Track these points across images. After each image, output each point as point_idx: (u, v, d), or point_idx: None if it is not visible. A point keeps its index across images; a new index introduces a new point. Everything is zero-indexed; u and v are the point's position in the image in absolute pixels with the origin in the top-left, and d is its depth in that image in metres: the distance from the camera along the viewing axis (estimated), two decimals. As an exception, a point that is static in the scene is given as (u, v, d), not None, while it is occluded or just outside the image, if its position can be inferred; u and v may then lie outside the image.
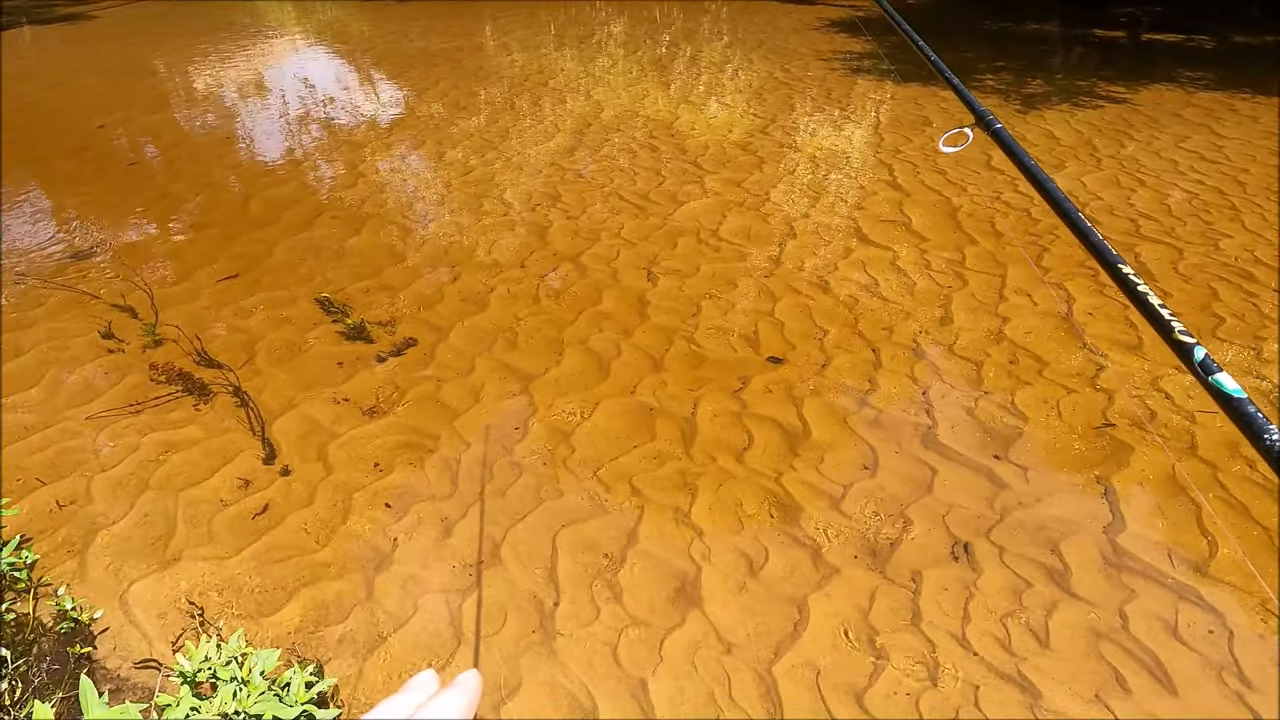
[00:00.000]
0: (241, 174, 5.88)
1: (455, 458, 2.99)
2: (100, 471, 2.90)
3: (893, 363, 3.50)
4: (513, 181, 5.54)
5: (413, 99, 7.73)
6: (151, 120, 7.17)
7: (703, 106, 7.36)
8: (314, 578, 2.48)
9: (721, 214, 4.96)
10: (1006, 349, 3.57)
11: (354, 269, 4.36)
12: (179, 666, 1.48)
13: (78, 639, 2.15)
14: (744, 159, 5.90)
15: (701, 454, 2.98)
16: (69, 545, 2.58)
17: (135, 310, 3.94)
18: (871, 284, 4.13)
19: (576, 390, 3.35)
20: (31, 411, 3.23)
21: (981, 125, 1.21)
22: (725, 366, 3.49)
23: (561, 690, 2.13)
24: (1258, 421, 0.48)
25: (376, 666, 2.20)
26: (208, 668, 1.72)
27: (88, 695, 1.45)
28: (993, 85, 7.89)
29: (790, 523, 2.67)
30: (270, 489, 2.84)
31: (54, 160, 6.11)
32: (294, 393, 3.33)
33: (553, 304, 4.00)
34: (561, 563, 2.53)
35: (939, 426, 3.10)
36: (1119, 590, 2.39)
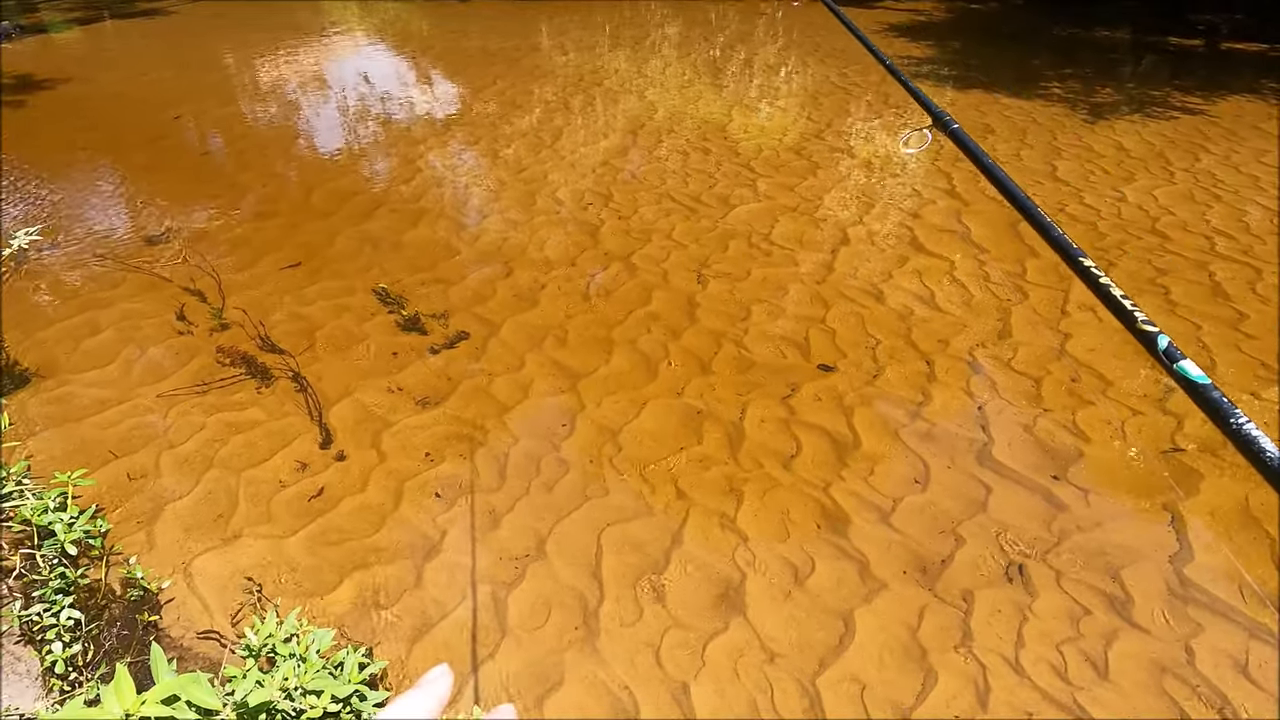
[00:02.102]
0: (305, 166, 6.07)
1: (504, 451, 3.03)
2: (169, 448, 3.03)
3: (947, 375, 3.42)
4: (565, 180, 5.59)
5: (469, 97, 7.87)
6: (223, 112, 7.45)
7: (756, 109, 7.31)
8: (366, 562, 2.54)
9: (774, 218, 4.92)
10: (1068, 366, 3.46)
11: (410, 261, 4.46)
12: (246, 641, 1.54)
13: (146, 607, 2.25)
14: (797, 163, 5.84)
15: (748, 459, 2.96)
16: (138, 517, 2.70)
17: (204, 294, 4.11)
18: (927, 294, 4.05)
19: (624, 390, 3.36)
20: (107, 387, 3.39)
21: (939, 126, 1.19)
22: (774, 372, 3.46)
23: (603, 689, 2.14)
24: (1223, 406, 0.47)
25: (422, 653, 2.24)
26: (270, 643, 1.78)
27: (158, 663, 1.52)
28: (1059, 94, 7.64)
29: (838, 534, 2.63)
30: (326, 473, 2.93)
31: (133, 148, 6.41)
32: (350, 380, 3.42)
33: (602, 303, 4.02)
34: (606, 561, 2.55)
35: (995, 443, 3.02)
36: (1184, 623, 2.29)
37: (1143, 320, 0.60)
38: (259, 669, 1.64)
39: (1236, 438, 0.47)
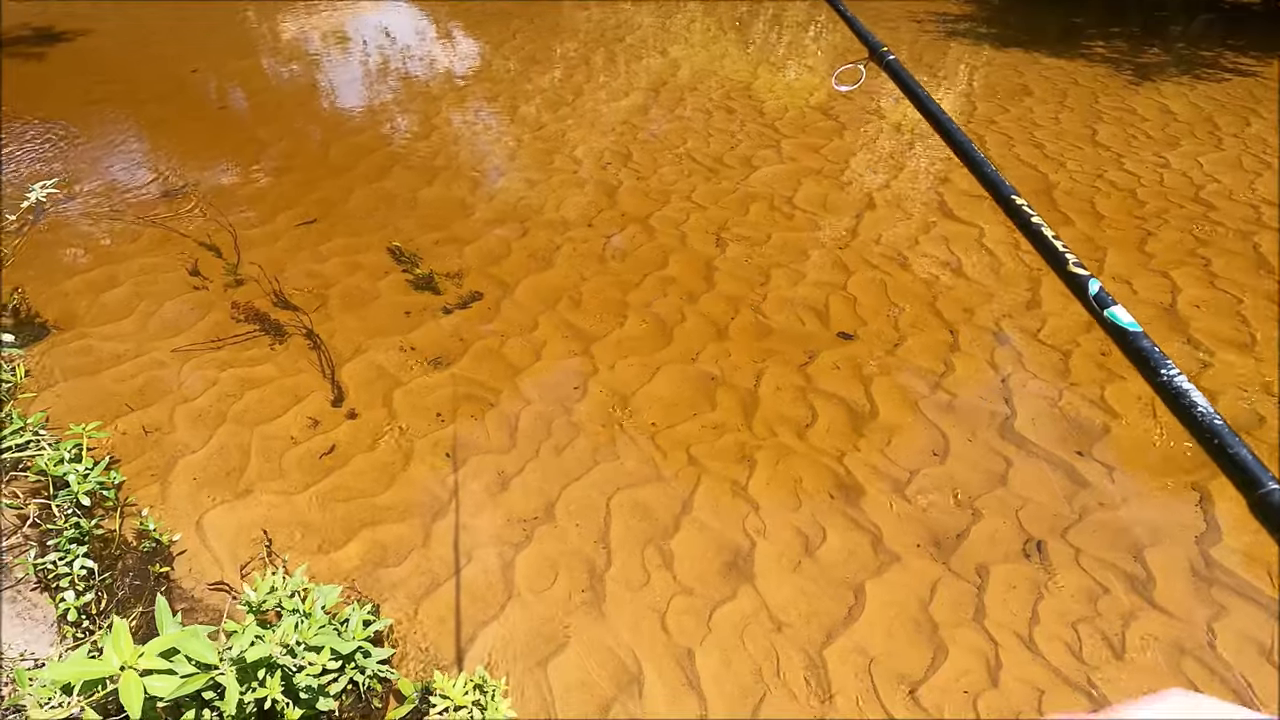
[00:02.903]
0: (323, 121, 6.00)
1: (515, 413, 3.00)
2: (183, 402, 3.05)
3: (971, 346, 3.31)
4: (584, 139, 5.46)
5: (489, 53, 7.70)
6: (241, 66, 7.37)
7: (783, 68, 7.07)
8: (374, 520, 2.55)
9: (797, 181, 4.77)
10: (1099, 339, 3.33)
11: (425, 220, 4.40)
12: (245, 597, 1.54)
13: (157, 558, 2.27)
14: (824, 124, 5.65)
15: (762, 427, 2.91)
16: (152, 469, 2.72)
17: (220, 250, 4.09)
18: (954, 262, 3.91)
19: (638, 354, 3.31)
20: (124, 341, 3.41)
21: (875, 58, 1.10)
22: (792, 339, 3.38)
23: (608, 653, 2.13)
24: (1154, 356, 0.46)
25: (429, 611, 2.25)
26: (274, 598, 1.78)
27: (163, 615, 1.52)
28: (1103, 53, 7.29)
29: (851, 504, 2.58)
30: (337, 430, 2.92)
31: (151, 102, 6.37)
32: (363, 338, 3.40)
33: (618, 265, 3.95)
34: (614, 525, 2.52)
35: (1017, 416, 2.93)
36: (1208, 605, 2.22)
37: (1074, 263, 0.57)
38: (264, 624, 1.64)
39: (1166, 390, 0.44)
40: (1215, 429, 0.41)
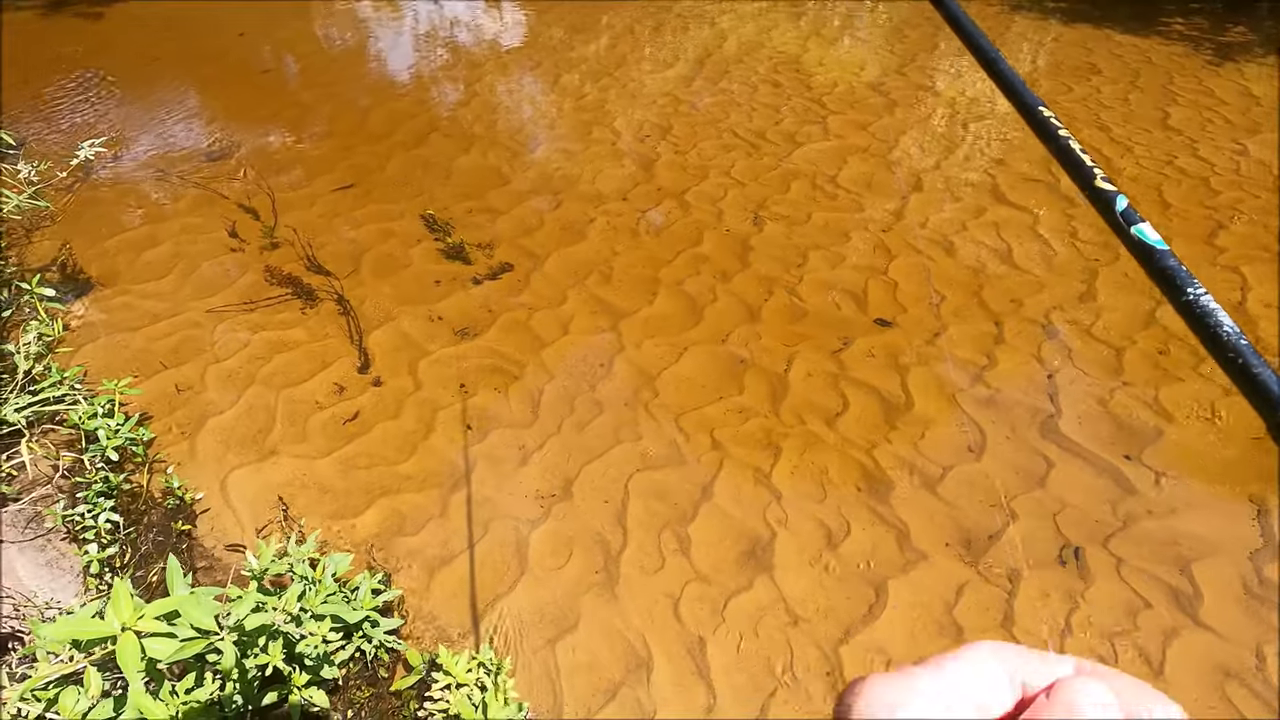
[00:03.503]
0: (365, 87, 5.99)
1: (539, 388, 2.97)
2: (215, 362, 3.09)
3: (1017, 338, 3.15)
4: (624, 110, 5.34)
5: (534, 20, 7.58)
6: (288, 31, 7.40)
7: (835, 41, 6.79)
8: (394, 488, 2.55)
9: (842, 159, 4.59)
10: (1157, 336, 3.14)
11: (460, 188, 4.36)
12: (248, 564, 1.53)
13: (180, 516, 2.31)
14: (874, 100, 5.42)
15: (790, 414, 2.82)
16: (182, 427, 2.77)
17: (257, 212, 4.13)
18: (1003, 249, 3.72)
19: (666, 333, 3.23)
20: (162, 299, 3.47)
21: None
22: (827, 324, 3.26)
23: (618, 636, 2.10)
24: (1180, 275, 0.44)
25: (443, 583, 2.24)
26: (282, 565, 1.79)
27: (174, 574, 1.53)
28: (1181, 31, 6.82)
29: (878, 499, 2.49)
30: (362, 397, 2.93)
31: (198, 64, 6.44)
32: (392, 306, 3.40)
33: (652, 241, 3.86)
34: (632, 507, 2.48)
35: (1062, 415, 2.78)
36: (1258, 625, 2.08)
37: (1101, 178, 0.52)
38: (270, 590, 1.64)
39: (1190, 310, 0.43)
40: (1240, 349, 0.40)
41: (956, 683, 0.30)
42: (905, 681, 0.30)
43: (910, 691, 0.29)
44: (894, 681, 0.30)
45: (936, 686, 0.30)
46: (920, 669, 0.31)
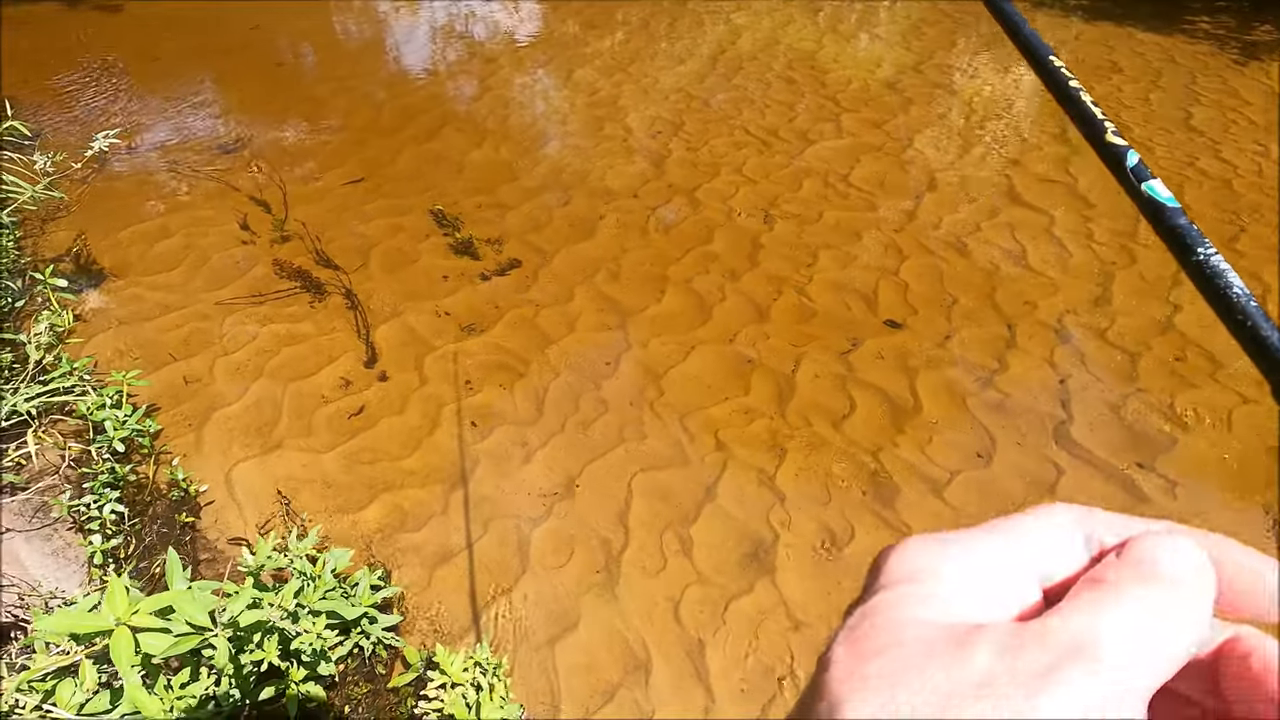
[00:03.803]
0: (378, 80, 6.00)
1: (544, 385, 2.96)
2: (223, 355, 3.10)
3: (1029, 342, 3.10)
4: (636, 106, 5.31)
5: (549, 14, 7.56)
6: (303, 25, 7.43)
7: (851, 37, 6.72)
8: (397, 484, 2.55)
9: (855, 157, 4.54)
10: (1173, 342, 3.08)
11: (470, 183, 4.36)
12: (243, 559, 1.54)
13: (185, 508, 2.32)
14: (889, 98, 5.35)
15: (796, 416, 2.79)
16: (189, 419, 2.78)
17: (269, 205, 4.14)
18: (1018, 251, 3.66)
19: (674, 332, 3.21)
20: (172, 291, 3.49)
21: None
22: (836, 325, 3.22)
23: (617, 637, 2.08)
24: (1190, 235, 0.42)
25: (443, 580, 2.24)
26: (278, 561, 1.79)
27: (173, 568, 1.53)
28: (1206, 29, 6.69)
29: (883, 503, 2.46)
30: (368, 392, 2.93)
31: (211, 57, 6.48)
32: (399, 301, 3.40)
33: (661, 238, 3.83)
34: (634, 507, 2.47)
35: (1074, 421, 2.73)
36: (1271, 642, 2.03)
37: (1112, 132, 0.50)
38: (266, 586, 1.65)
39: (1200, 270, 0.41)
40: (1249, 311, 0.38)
41: (1014, 546, 0.26)
42: (949, 542, 0.26)
43: (950, 555, 0.26)
44: (936, 542, 0.26)
45: (986, 549, 0.26)
46: (972, 530, 0.27)
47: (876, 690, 0.22)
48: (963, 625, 0.23)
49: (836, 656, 0.24)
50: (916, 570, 0.26)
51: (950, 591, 0.25)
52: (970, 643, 0.22)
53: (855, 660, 0.23)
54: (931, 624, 0.24)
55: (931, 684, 0.22)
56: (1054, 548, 0.27)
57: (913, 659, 0.23)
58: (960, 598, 0.25)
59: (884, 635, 0.24)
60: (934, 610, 0.24)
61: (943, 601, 0.25)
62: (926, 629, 0.23)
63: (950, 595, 0.25)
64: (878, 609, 0.25)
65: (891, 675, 0.22)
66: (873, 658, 0.23)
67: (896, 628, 0.24)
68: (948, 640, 0.23)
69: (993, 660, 0.22)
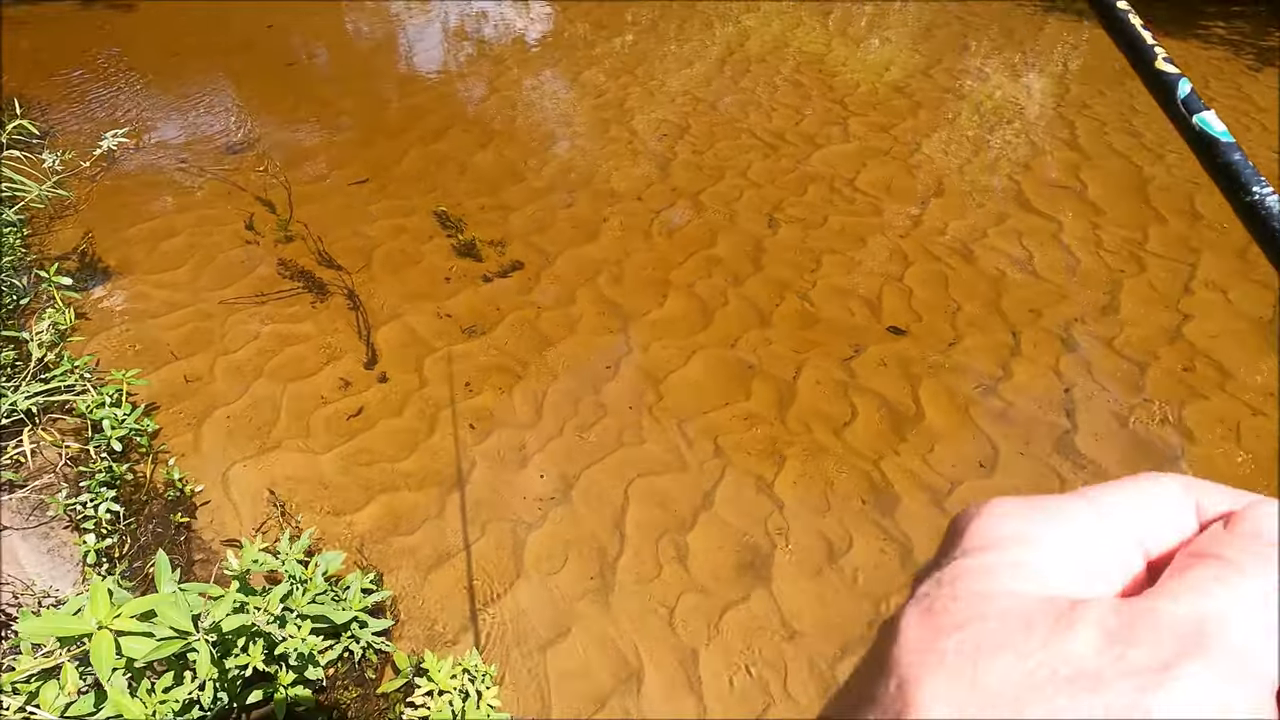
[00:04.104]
0: (387, 81, 6.01)
1: (543, 389, 2.94)
2: (224, 354, 3.11)
3: (1034, 350, 3.06)
4: (642, 108, 5.30)
5: (559, 15, 7.56)
6: (315, 24, 7.46)
7: (861, 41, 6.68)
8: (393, 486, 2.54)
9: (862, 161, 4.51)
10: (1182, 352, 3.03)
11: (474, 185, 4.35)
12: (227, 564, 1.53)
13: (180, 508, 2.32)
14: (898, 102, 5.31)
15: (797, 422, 2.77)
16: (189, 418, 2.79)
17: (274, 205, 4.15)
18: (1025, 257, 3.62)
19: (675, 336, 3.19)
20: (176, 290, 3.50)
21: None
22: (839, 331, 3.19)
23: (610, 644, 2.07)
24: (1245, 172, 0.39)
25: (436, 583, 2.23)
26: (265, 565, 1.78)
27: (161, 570, 1.53)
28: (1221, 34, 6.61)
29: (883, 512, 2.43)
30: (367, 393, 2.93)
31: (223, 56, 6.52)
32: (401, 302, 3.40)
33: (664, 242, 3.82)
34: (631, 512, 2.45)
35: (1079, 431, 2.69)
36: None
37: (1162, 59, 0.46)
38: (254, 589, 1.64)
39: (1254, 212, 0.38)
40: None
41: (1114, 513, 0.24)
42: (1042, 507, 0.24)
43: (1045, 520, 0.23)
44: (1027, 506, 0.24)
45: (1085, 515, 0.23)
46: (1065, 495, 0.24)
47: (956, 670, 0.20)
48: (1062, 599, 0.20)
49: (907, 627, 0.21)
50: (1006, 536, 0.23)
51: (1045, 561, 0.22)
52: (1071, 621, 0.20)
53: (931, 633, 0.21)
54: (1025, 596, 0.21)
55: (1023, 666, 0.19)
56: (1160, 517, 0.24)
57: (1002, 636, 0.20)
58: (1057, 568, 0.22)
59: (967, 607, 0.21)
60: (1027, 581, 0.22)
61: (1036, 572, 0.22)
62: (1019, 601, 0.21)
63: (1045, 565, 0.22)
64: (959, 577, 0.22)
65: (975, 653, 0.20)
66: (952, 632, 0.21)
67: (982, 599, 0.21)
68: (1044, 616, 0.20)
69: (1099, 645, 0.19)
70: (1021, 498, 0.24)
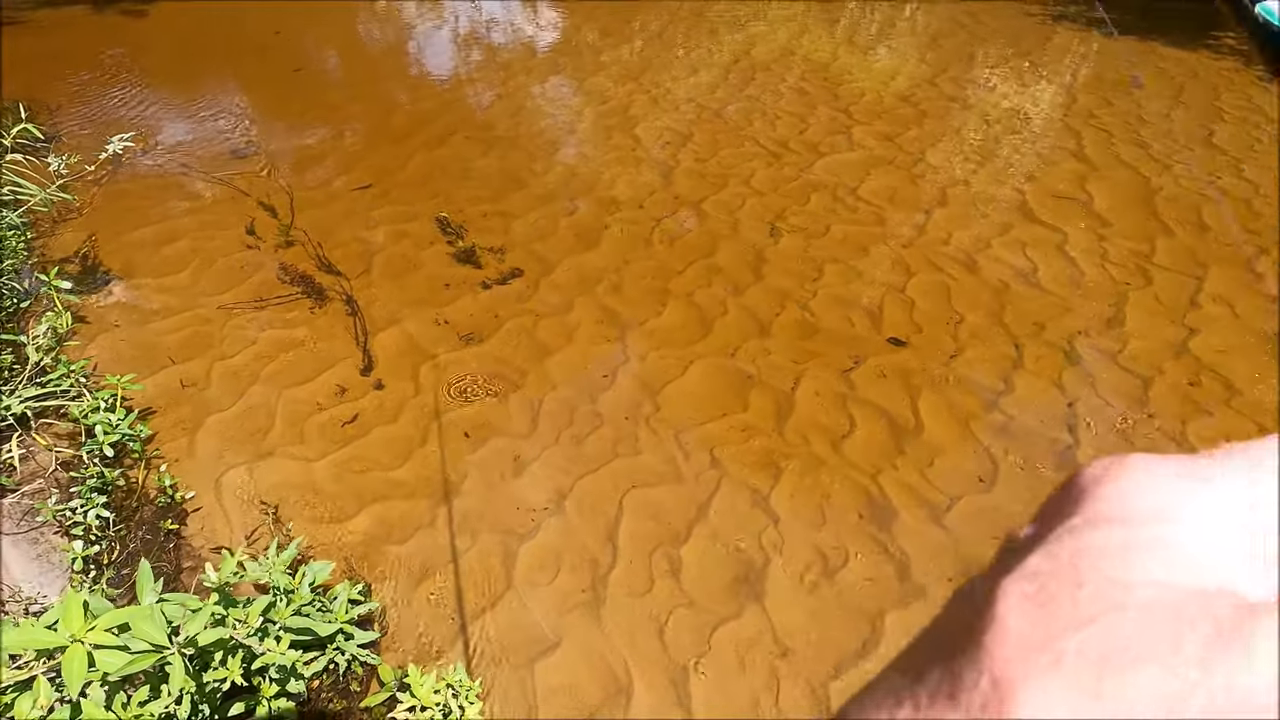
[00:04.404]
0: (393, 87, 6.03)
1: (539, 397, 2.92)
2: (221, 359, 3.11)
3: (1037, 364, 3.02)
4: (646, 116, 5.29)
5: (567, 22, 7.58)
6: (324, 30, 7.51)
7: (867, 50, 6.66)
8: (386, 494, 2.53)
9: (865, 170, 4.48)
10: (1188, 366, 2.99)
11: (476, 191, 4.35)
12: (206, 576, 1.51)
13: (170, 514, 2.31)
14: (903, 111, 5.29)
15: (794, 434, 2.74)
16: (183, 424, 2.78)
17: (276, 210, 4.16)
18: (1029, 269, 3.58)
19: (673, 346, 3.17)
20: (176, 294, 3.50)
21: None
22: (838, 341, 3.16)
23: (599, 659, 2.04)
24: None
25: (426, 594, 2.21)
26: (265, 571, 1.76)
27: (143, 581, 1.51)
28: (1232, 45, 6.56)
29: (880, 527, 2.39)
30: (363, 400, 2.92)
31: (233, 62, 6.56)
32: (400, 308, 3.39)
33: (664, 250, 3.80)
34: (624, 524, 2.42)
35: (1081, 446, 2.65)
36: (1282, 685, 1.94)
37: None
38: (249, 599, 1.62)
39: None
40: None
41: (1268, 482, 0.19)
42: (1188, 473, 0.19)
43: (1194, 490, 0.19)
44: (1172, 470, 0.19)
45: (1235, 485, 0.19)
46: (1208, 459, 0.20)
47: (1077, 676, 0.16)
48: (1224, 598, 0.16)
49: (1008, 612, 0.17)
50: (1147, 508, 0.19)
51: (1199, 542, 0.18)
52: (1242, 634, 0.15)
53: (1044, 626, 0.17)
54: (1175, 588, 0.17)
55: (1171, 687, 0.15)
56: None
57: (1144, 641, 0.16)
58: (1213, 553, 0.18)
59: (1096, 596, 0.17)
60: (1176, 568, 0.17)
61: (1189, 556, 0.18)
62: (1167, 595, 0.17)
63: (1199, 548, 0.18)
64: (1085, 554, 0.18)
65: (1106, 660, 0.16)
66: (1076, 628, 0.17)
67: (1117, 588, 0.17)
68: (1202, 620, 0.16)
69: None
70: (1166, 457, 0.20)
